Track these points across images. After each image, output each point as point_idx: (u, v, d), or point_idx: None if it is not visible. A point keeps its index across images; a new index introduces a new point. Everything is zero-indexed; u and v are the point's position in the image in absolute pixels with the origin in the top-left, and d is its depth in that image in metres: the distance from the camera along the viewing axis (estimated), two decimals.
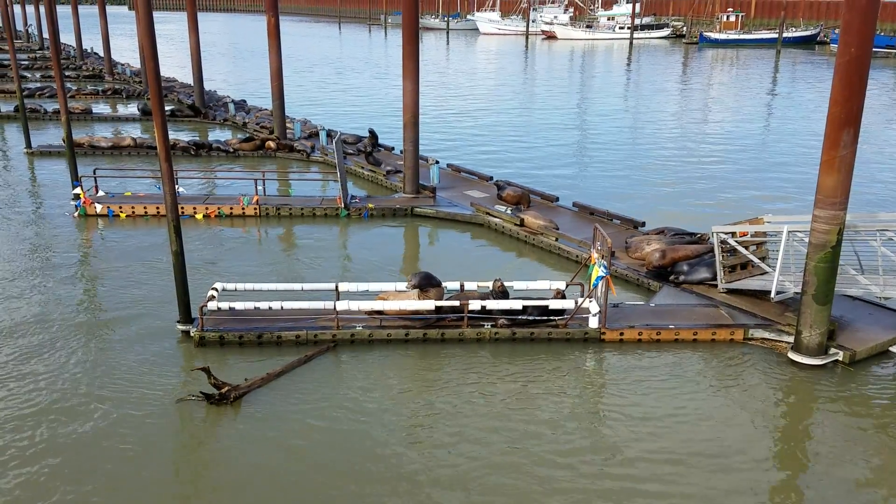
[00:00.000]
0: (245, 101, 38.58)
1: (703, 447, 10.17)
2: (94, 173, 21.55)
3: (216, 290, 13.67)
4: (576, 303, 13.36)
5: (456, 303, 13.21)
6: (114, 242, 18.38)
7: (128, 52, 68.01)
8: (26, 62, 58.41)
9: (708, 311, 13.96)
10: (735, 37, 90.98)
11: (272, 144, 28.35)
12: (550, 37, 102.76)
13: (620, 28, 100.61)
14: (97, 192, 21.22)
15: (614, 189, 24.01)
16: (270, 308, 13.40)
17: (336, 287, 13.78)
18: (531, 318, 13.27)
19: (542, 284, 14.25)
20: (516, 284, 14.11)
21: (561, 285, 14.18)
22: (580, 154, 30.00)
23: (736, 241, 14.34)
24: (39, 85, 44.46)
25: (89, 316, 14.08)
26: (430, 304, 13.14)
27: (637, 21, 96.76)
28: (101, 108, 39.01)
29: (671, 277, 15.35)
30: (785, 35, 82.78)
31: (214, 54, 71.92)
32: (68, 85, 44.25)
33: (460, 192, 22.21)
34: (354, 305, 13.25)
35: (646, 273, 15.81)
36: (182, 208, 19.19)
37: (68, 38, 64.96)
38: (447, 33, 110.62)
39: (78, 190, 20.69)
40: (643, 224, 18.58)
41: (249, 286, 14.14)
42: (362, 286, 14.04)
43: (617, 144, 31.76)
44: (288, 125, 30.99)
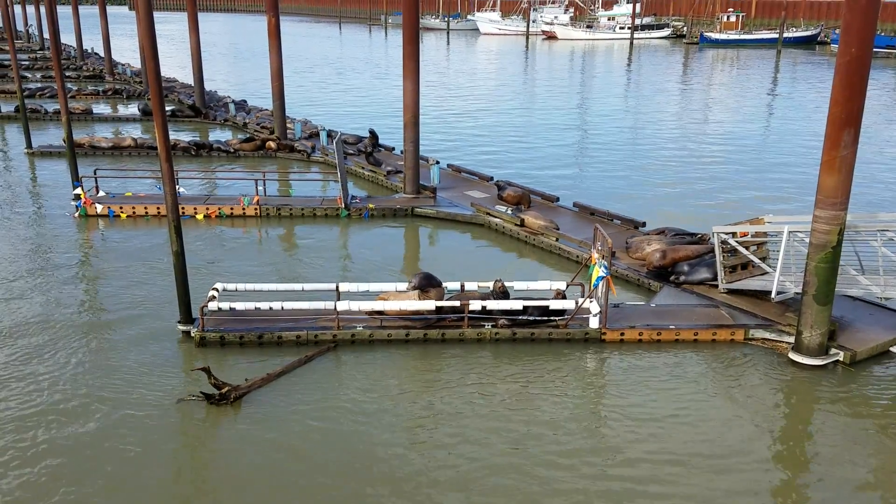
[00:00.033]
0: (245, 102, 38.60)
1: (704, 448, 10.17)
2: (95, 174, 21.59)
3: (217, 291, 13.68)
4: (576, 303, 13.37)
5: (456, 303, 13.22)
6: (114, 243, 18.39)
7: (128, 53, 68.03)
8: (27, 62, 58.45)
9: (708, 312, 13.96)
10: (735, 37, 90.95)
11: (273, 145, 28.36)
12: (551, 37, 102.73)
13: (621, 28, 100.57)
14: (98, 193, 21.24)
15: (615, 189, 24.01)
16: (271, 308, 13.42)
17: (336, 287, 13.80)
18: (532, 319, 13.28)
19: (543, 285, 14.26)
20: (517, 285, 14.11)
21: (561, 285, 14.19)
22: (581, 154, 29.99)
23: (736, 242, 14.34)
24: (40, 85, 44.49)
25: (90, 316, 14.09)
26: (431, 305, 13.15)
27: (637, 21, 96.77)
28: (102, 109, 39.03)
29: (672, 278, 15.35)
30: (785, 35, 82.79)
31: (215, 54, 71.95)
32: (69, 85, 44.25)
33: (461, 193, 22.21)
34: (355, 306, 13.26)
35: (646, 273, 15.82)
36: (183, 208, 19.19)
37: (69, 39, 65.05)
38: (447, 33, 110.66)
39: (78, 190, 20.71)
40: (644, 224, 18.58)
41: (250, 286, 14.16)
42: (363, 286, 14.05)
43: (617, 145, 31.75)
44: (288, 125, 31.00)
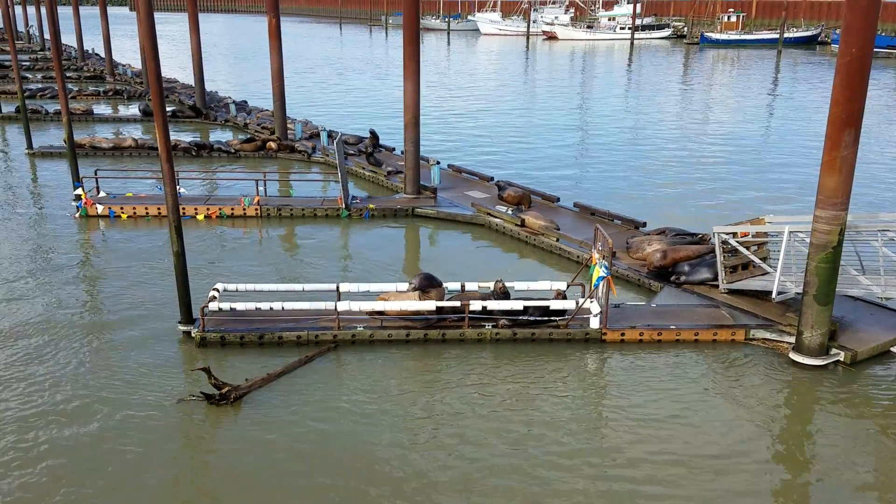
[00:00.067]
0: (246, 102, 38.60)
1: (705, 448, 10.17)
2: (96, 174, 21.60)
3: (217, 291, 13.68)
4: (577, 303, 13.37)
5: (457, 303, 13.22)
6: (115, 243, 18.40)
7: (129, 53, 68.07)
8: (27, 63, 58.47)
9: (709, 312, 13.96)
10: (736, 37, 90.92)
11: (273, 145, 28.37)
12: (551, 37, 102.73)
13: (621, 28, 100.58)
14: (98, 193, 21.26)
15: (615, 189, 24.01)
16: (272, 308, 13.42)
17: (337, 287, 13.80)
18: (532, 319, 13.28)
19: (543, 285, 14.25)
20: (517, 285, 14.11)
21: (562, 286, 14.18)
22: (581, 155, 29.98)
23: (737, 242, 14.34)
24: (41, 86, 44.52)
25: (91, 317, 14.09)
26: (431, 305, 13.15)
27: (638, 21, 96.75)
28: (103, 109, 39.03)
29: (672, 278, 15.34)
30: (786, 35, 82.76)
31: (215, 55, 71.98)
32: (69, 86, 44.30)
33: (461, 193, 22.21)
34: (355, 306, 13.26)
35: (647, 273, 15.81)
36: (183, 209, 19.20)
37: (69, 39, 65.12)
38: (448, 34, 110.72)
39: (79, 191, 20.72)
40: (644, 224, 18.57)
41: (251, 287, 14.16)
42: (363, 287, 14.05)
43: (618, 145, 31.75)
44: (289, 126, 31.01)
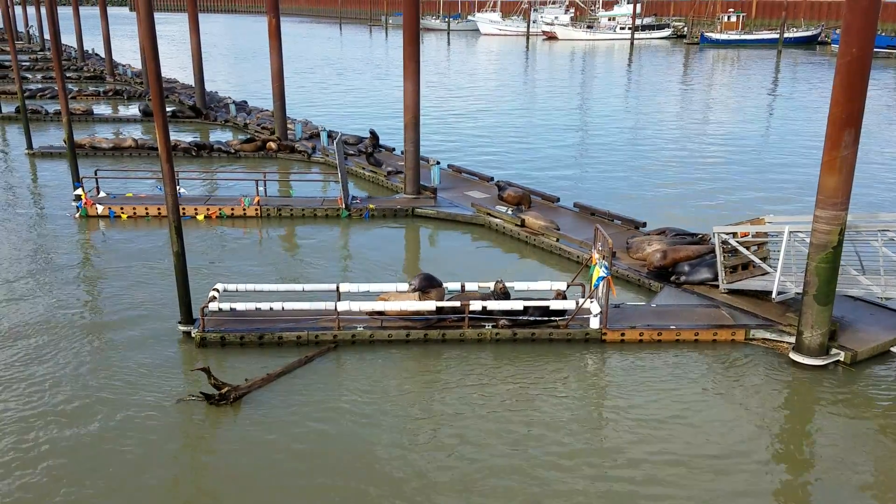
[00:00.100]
0: (246, 102, 38.60)
1: (705, 449, 10.16)
2: (96, 174, 21.60)
3: (217, 291, 13.68)
4: (577, 303, 13.36)
5: (457, 303, 13.22)
6: (115, 243, 18.40)
7: (129, 53, 68.06)
8: (27, 63, 58.46)
9: (709, 312, 13.95)
10: (736, 37, 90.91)
11: (273, 145, 28.37)
12: (551, 37, 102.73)
13: (621, 28, 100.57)
14: (98, 193, 21.25)
15: (615, 189, 24.01)
16: (272, 309, 13.42)
17: (337, 288, 13.80)
18: (532, 319, 13.27)
19: (543, 285, 14.25)
20: (517, 285, 14.10)
21: (562, 286, 14.18)
22: (581, 155, 29.98)
23: (737, 242, 14.34)
24: (41, 86, 44.51)
25: (91, 317, 14.09)
26: (431, 305, 13.15)
27: (638, 21, 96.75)
28: (103, 110, 39.03)
29: (672, 278, 15.34)
30: (786, 35, 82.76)
31: (215, 55, 71.97)
32: (69, 86, 44.30)
33: (461, 193, 22.21)
34: (355, 306, 13.26)
35: (647, 273, 15.81)
36: (183, 209, 19.20)
37: (69, 40, 65.11)
38: (448, 34, 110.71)
39: (79, 191, 20.71)
40: (644, 224, 18.57)
41: (251, 287, 14.16)
42: (363, 287, 14.05)
43: (618, 145, 31.75)
44: (289, 126, 31.01)
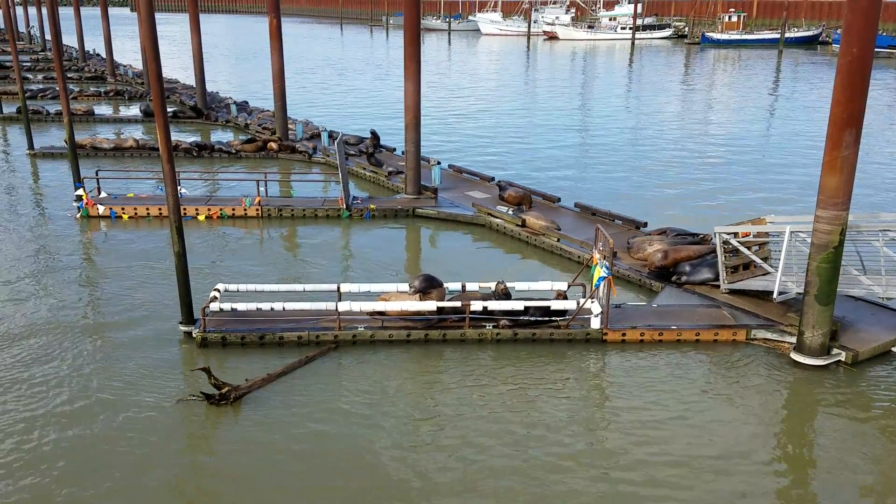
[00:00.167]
0: (247, 103, 38.60)
1: (706, 449, 10.15)
2: (97, 175, 21.62)
3: (218, 291, 13.69)
4: (578, 303, 13.36)
5: (457, 304, 13.22)
6: (116, 244, 18.40)
7: (130, 54, 68.10)
8: (28, 64, 58.50)
9: (710, 312, 13.95)
10: (737, 37, 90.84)
11: (274, 146, 28.38)
12: (552, 37, 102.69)
13: (622, 28, 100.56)
14: (99, 194, 21.27)
15: (616, 190, 24.00)
16: (272, 309, 13.43)
17: (338, 288, 13.81)
18: (533, 319, 13.27)
19: (544, 285, 14.24)
20: (518, 285, 14.09)
21: (563, 286, 14.17)
22: (582, 155, 29.97)
23: (738, 242, 14.33)
24: (42, 86, 44.58)
25: (92, 318, 14.09)
26: (432, 305, 13.15)
27: (639, 21, 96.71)
28: (104, 110, 39.05)
29: (673, 278, 15.33)
30: (787, 35, 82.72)
31: (216, 56, 71.99)
32: (70, 86, 44.30)
33: (462, 193, 22.21)
34: (356, 306, 13.26)
35: (648, 274, 15.80)
36: (184, 209, 19.21)
37: (70, 40, 65.14)
38: (449, 34, 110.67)
39: (80, 191, 20.71)
40: (645, 224, 18.56)
41: (251, 287, 14.16)
42: (364, 287, 14.06)
43: (619, 145, 31.73)
44: (290, 126, 31.01)
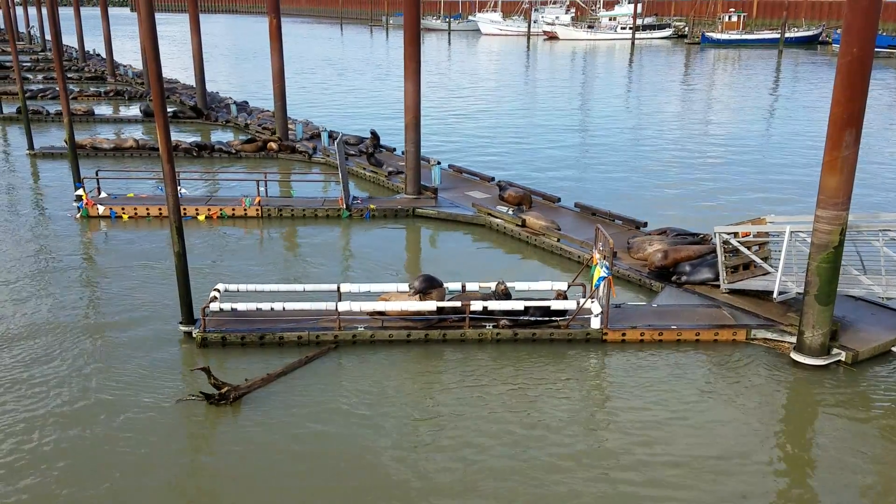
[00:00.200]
0: (247, 103, 38.60)
1: (706, 450, 10.15)
2: (97, 175, 21.62)
3: (218, 292, 13.69)
4: (578, 303, 13.36)
5: (458, 303, 13.22)
6: (116, 244, 18.41)
7: (130, 54, 68.09)
8: (28, 64, 58.49)
9: (710, 312, 13.95)
10: (737, 37, 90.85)
11: (274, 146, 28.38)
12: (552, 37, 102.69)
13: (622, 28, 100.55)
14: (99, 194, 21.27)
15: (616, 190, 23.99)
16: (272, 309, 13.43)
17: (338, 288, 13.81)
18: (533, 319, 13.27)
19: (544, 285, 14.24)
20: (518, 285, 14.09)
21: (563, 286, 14.17)
22: (582, 155, 29.97)
23: (738, 242, 14.33)
24: (42, 86, 44.58)
25: (92, 318, 14.09)
26: (432, 305, 13.15)
27: (639, 21, 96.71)
28: (104, 110, 39.05)
29: (673, 278, 15.33)
30: (787, 35, 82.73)
31: (216, 56, 72.00)
32: (70, 86, 44.29)
33: (462, 193, 22.21)
34: (356, 306, 13.26)
35: (648, 273, 15.80)
36: (184, 209, 19.21)
37: (70, 40, 65.14)
38: (449, 34, 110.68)
39: (80, 191, 20.72)
40: (645, 224, 18.56)
41: (251, 287, 14.16)
42: (364, 287, 14.06)
43: (619, 145, 31.73)
44: (290, 126, 31.01)
